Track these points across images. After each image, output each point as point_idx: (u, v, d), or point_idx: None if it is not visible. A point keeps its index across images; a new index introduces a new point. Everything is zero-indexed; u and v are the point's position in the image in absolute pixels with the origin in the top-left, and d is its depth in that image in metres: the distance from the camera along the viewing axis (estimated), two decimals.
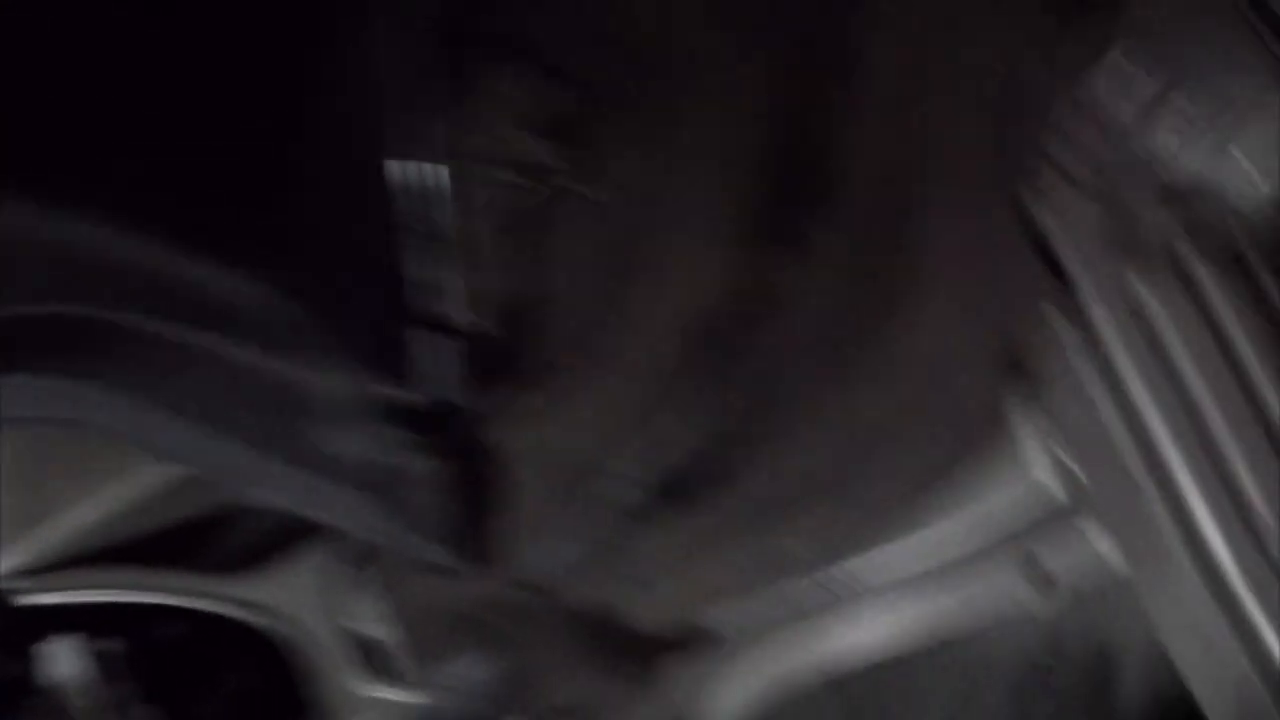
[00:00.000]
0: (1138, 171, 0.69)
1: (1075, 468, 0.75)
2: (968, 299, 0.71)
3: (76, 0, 0.53)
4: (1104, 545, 0.76)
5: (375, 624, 0.78)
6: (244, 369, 0.65)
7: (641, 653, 0.80)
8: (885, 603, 0.82)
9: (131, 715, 0.82)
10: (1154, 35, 0.69)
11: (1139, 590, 0.74)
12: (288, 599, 0.76)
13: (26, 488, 0.81)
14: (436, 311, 0.67)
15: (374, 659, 0.76)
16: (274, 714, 0.79)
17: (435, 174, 0.65)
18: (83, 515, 0.80)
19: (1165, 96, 0.68)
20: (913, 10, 0.66)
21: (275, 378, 0.66)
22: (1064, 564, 0.79)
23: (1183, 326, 0.71)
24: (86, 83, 0.54)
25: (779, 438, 0.72)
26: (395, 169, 0.63)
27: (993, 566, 0.80)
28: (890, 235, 0.69)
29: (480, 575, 0.73)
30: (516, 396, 0.69)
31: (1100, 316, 0.73)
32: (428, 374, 0.68)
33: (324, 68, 0.60)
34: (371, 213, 0.66)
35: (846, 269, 0.68)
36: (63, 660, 0.83)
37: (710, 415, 0.69)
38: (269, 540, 0.82)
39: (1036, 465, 0.76)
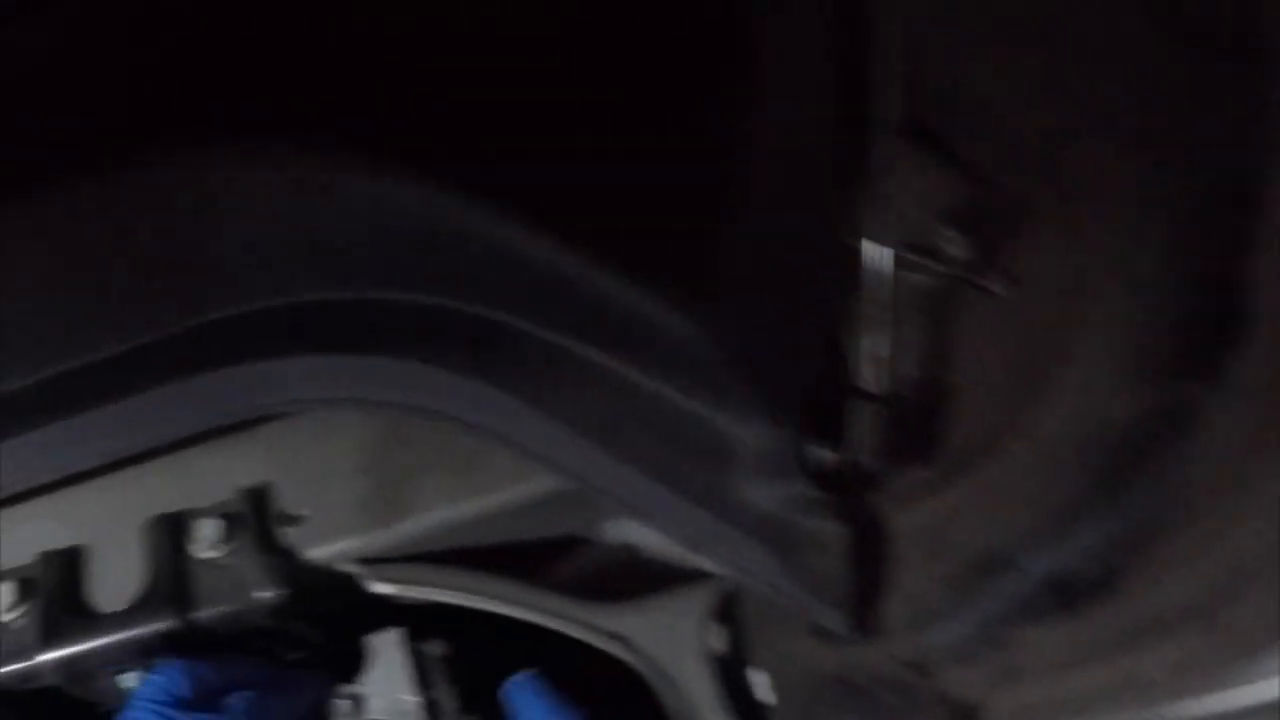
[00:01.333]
0: None
1: None
2: None
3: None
4: None
5: (746, 677, 0.79)
6: (652, 399, 0.66)
7: None
8: None
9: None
10: None
11: None
12: (658, 639, 0.77)
13: (388, 479, 0.81)
14: (865, 380, 0.70)
15: (742, 711, 0.76)
16: None
17: (881, 248, 0.68)
18: (448, 515, 0.81)
19: None
20: None
21: (691, 417, 0.67)
22: None
23: None
24: (534, 88, 0.55)
25: (1166, 557, 0.73)
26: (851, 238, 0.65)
27: None
28: None
29: (866, 644, 0.74)
30: (911, 471, 0.72)
31: None
32: (853, 439, 0.70)
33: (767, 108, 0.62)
34: (816, 273, 0.69)
35: (1262, 403, 0.69)
36: (385, 652, 0.83)
37: (1107, 521, 0.71)
38: (619, 575, 0.83)
39: None
